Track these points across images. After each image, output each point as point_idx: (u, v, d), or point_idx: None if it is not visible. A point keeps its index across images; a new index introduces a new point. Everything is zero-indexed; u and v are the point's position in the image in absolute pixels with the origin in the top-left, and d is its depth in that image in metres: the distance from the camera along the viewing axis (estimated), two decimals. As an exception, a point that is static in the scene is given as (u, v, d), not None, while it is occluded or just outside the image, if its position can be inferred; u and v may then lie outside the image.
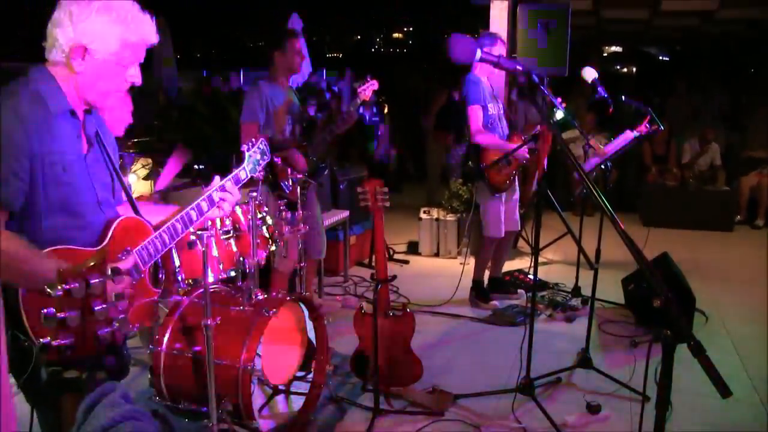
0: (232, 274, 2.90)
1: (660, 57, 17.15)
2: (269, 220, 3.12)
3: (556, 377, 3.72)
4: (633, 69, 17.96)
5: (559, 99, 3.90)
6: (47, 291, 1.08)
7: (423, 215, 6.44)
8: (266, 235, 3.07)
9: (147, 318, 2.05)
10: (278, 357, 3.05)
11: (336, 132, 4.16)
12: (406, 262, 6.24)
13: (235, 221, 2.90)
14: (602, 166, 4.07)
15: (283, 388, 3.15)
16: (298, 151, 4.07)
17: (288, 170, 3.90)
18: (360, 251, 6.21)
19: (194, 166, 5.09)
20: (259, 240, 2.93)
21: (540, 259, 3.53)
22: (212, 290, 2.59)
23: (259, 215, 2.95)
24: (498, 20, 6.21)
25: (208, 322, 2.36)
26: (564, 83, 4.87)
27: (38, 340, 1.19)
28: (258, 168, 2.51)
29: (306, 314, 3.15)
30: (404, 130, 10.65)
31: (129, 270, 1.91)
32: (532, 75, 1.95)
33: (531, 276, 3.52)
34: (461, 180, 6.23)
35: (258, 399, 2.93)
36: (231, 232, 2.85)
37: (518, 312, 4.72)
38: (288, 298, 2.96)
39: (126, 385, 1.21)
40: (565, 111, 3.84)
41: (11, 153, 1.74)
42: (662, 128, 4.05)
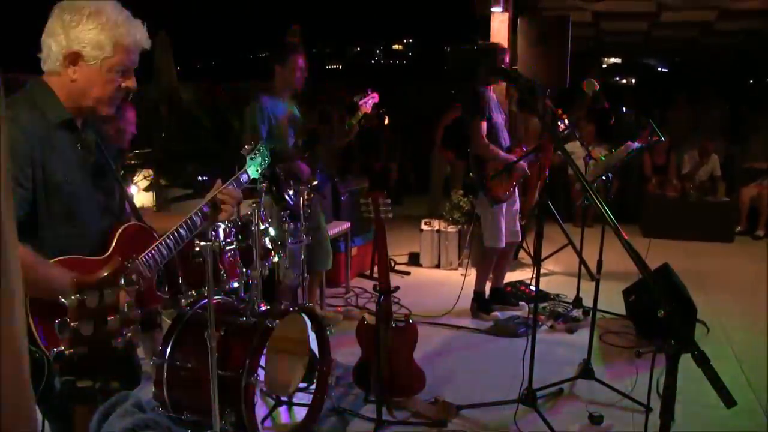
0: (235, 286, 2.91)
1: (659, 68, 17.24)
2: (272, 232, 3.12)
3: (558, 388, 3.72)
4: (633, 80, 18.05)
5: (560, 110, 3.94)
6: (62, 300, 1.08)
7: (424, 227, 6.44)
8: (269, 247, 3.08)
9: (151, 326, 2.06)
10: (281, 368, 3.05)
11: (338, 145, 4.18)
12: (408, 274, 6.24)
13: (238, 233, 2.91)
14: (603, 177, 4.09)
15: (286, 399, 3.16)
16: (303, 162, 4.09)
17: (291, 182, 3.91)
18: (361, 263, 6.21)
19: (197, 178, 5.11)
20: (263, 251, 2.94)
21: (541, 270, 3.54)
22: (215, 301, 2.59)
23: (262, 227, 2.97)
24: (498, 32, 6.25)
25: (212, 333, 2.37)
26: (564, 95, 4.90)
27: (51, 350, 1.20)
28: (260, 170, 2.54)
29: (309, 325, 3.16)
30: (405, 143, 10.66)
31: (138, 278, 1.92)
32: (535, 87, 1.97)
33: (532, 287, 3.53)
34: (462, 191, 6.24)
35: (261, 410, 2.93)
36: (234, 244, 2.86)
37: (520, 323, 4.72)
38: (291, 309, 2.97)
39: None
40: (567, 122, 3.86)
41: (14, 162, 1.73)
42: (662, 139, 4.08)
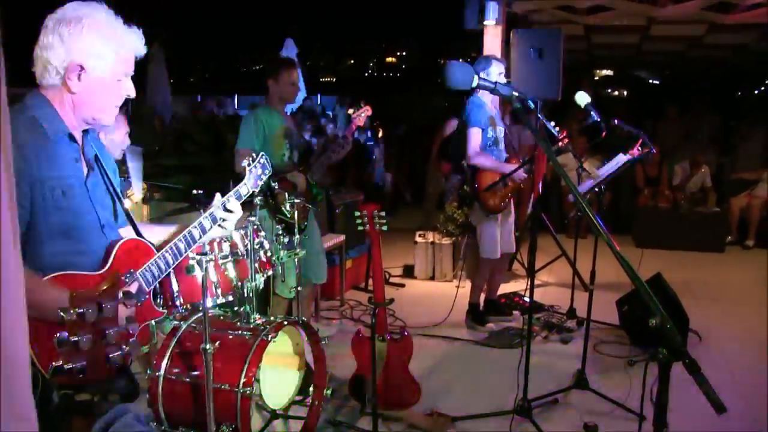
0: (230, 299, 2.91)
1: (650, 81, 17.37)
2: (266, 245, 3.13)
3: (553, 398, 3.73)
4: (624, 92, 18.18)
5: (553, 123, 3.98)
6: (61, 315, 1.09)
7: (418, 239, 6.45)
8: (264, 260, 3.09)
9: (146, 340, 2.05)
10: (277, 381, 3.05)
11: (333, 159, 4.20)
12: (402, 286, 6.25)
13: (233, 246, 2.91)
14: (596, 189, 4.13)
15: (282, 413, 3.15)
16: (299, 175, 4.10)
17: (286, 194, 3.92)
18: (356, 275, 6.22)
19: (192, 191, 5.11)
20: (257, 264, 2.95)
21: (535, 282, 3.56)
22: (210, 314, 2.60)
23: (257, 240, 2.97)
24: (491, 45, 6.31)
25: (207, 347, 2.37)
26: (557, 107, 4.94)
27: (50, 365, 1.21)
28: (259, 182, 2.54)
29: (304, 338, 3.16)
30: (399, 155, 10.70)
31: (136, 292, 1.93)
32: (527, 100, 2.00)
33: (527, 298, 3.55)
34: (456, 203, 6.26)
35: (257, 423, 2.92)
36: (229, 257, 2.87)
37: (514, 334, 4.74)
38: (286, 323, 2.97)
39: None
40: (560, 135, 3.89)
41: None
42: (654, 151, 4.12)
